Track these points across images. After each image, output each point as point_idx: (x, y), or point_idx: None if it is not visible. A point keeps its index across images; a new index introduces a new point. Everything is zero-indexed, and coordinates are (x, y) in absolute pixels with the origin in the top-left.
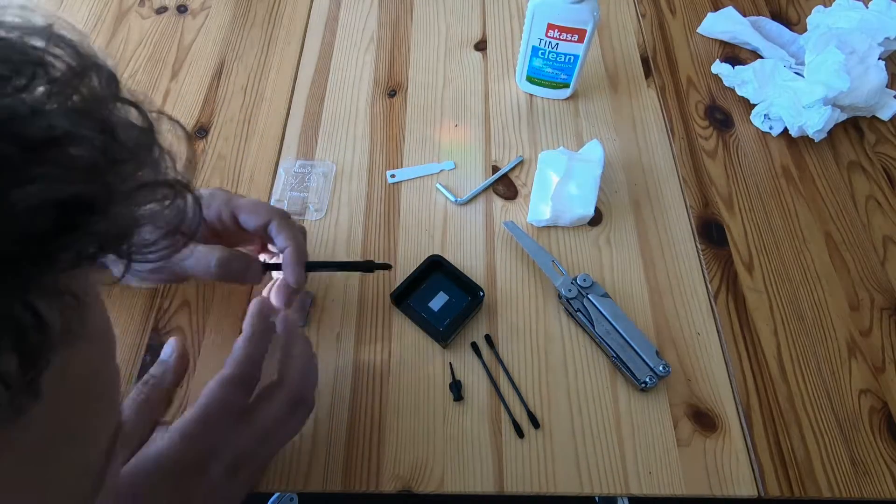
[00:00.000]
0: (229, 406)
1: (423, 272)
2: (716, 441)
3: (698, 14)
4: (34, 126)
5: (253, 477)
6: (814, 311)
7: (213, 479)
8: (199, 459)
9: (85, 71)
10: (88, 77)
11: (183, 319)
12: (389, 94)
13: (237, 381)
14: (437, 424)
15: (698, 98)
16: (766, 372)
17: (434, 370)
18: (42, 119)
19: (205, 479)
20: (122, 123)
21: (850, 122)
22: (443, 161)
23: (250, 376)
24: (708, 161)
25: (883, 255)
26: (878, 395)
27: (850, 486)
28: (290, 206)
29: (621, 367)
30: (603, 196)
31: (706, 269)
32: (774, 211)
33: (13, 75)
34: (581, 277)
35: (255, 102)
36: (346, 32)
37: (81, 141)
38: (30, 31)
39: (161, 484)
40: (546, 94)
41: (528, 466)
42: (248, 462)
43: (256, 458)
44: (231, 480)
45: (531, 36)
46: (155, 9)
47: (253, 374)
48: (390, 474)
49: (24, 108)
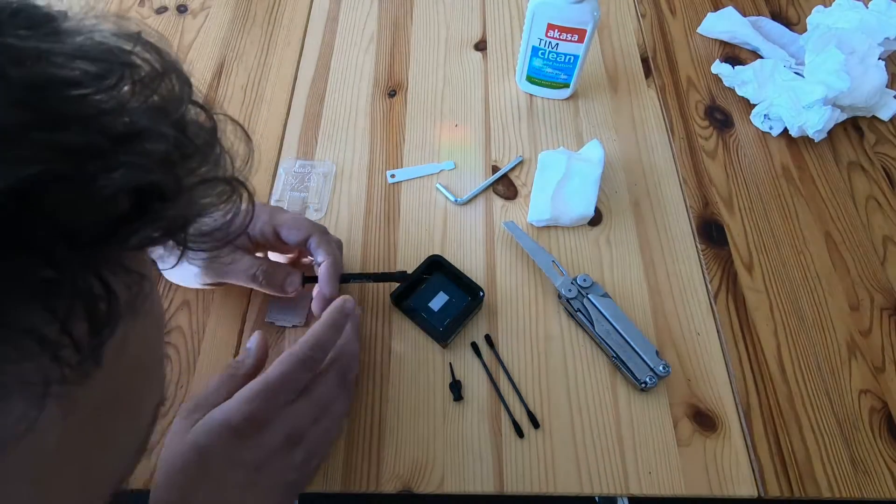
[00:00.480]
0: (292, 381)
1: (423, 272)
2: (716, 441)
3: (698, 14)
4: (119, 121)
5: (312, 460)
6: (814, 311)
7: (272, 446)
8: (258, 422)
9: (165, 74)
10: (168, 79)
11: (183, 319)
12: (389, 94)
13: (304, 360)
14: (437, 424)
15: (698, 98)
16: (766, 372)
17: (434, 370)
18: (126, 115)
19: (264, 443)
20: (192, 122)
21: (850, 122)
22: (443, 161)
23: (316, 360)
24: (708, 161)
25: (883, 255)
26: (878, 395)
27: (850, 486)
28: (290, 206)
29: (621, 367)
30: (603, 196)
31: (706, 269)
32: (774, 211)
33: (105, 75)
34: (581, 277)
35: (255, 102)
36: (346, 32)
37: (158, 136)
38: (122, 36)
39: (220, 440)
40: (546, 94)
41: (528, 466)
42: (305, 437)
43: (312, 437)
44: (291, 454)
45: (531, 36)
46: (155, 9)
47: (319, 359)
48: (390, 474)
49: (112, 104)
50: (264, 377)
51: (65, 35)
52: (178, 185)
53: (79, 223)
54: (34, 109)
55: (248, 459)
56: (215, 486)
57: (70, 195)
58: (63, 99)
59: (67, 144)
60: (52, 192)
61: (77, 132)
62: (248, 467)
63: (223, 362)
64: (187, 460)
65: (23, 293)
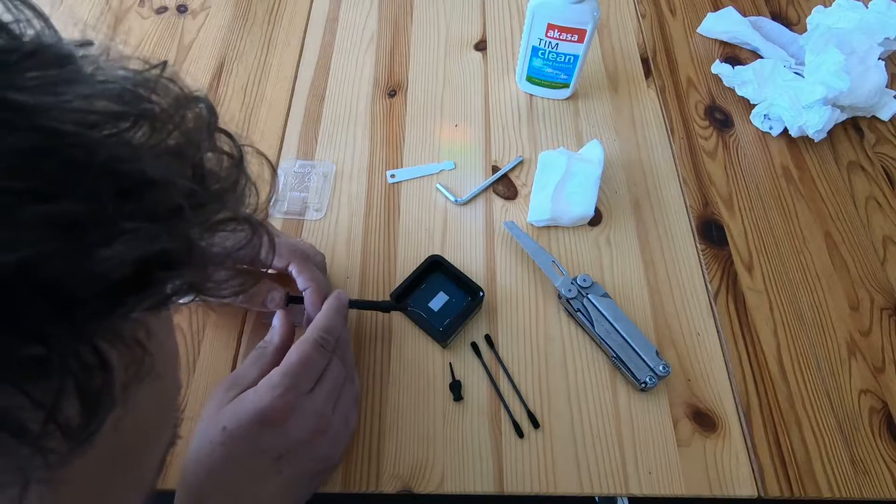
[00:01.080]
0: (311, 364)
1: (423, 272)
2: (716, 441)
3: (698, 14)
4: (132, 169)
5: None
6: (814, 311)
7: (296, 436)
8: (282, 410)
9: (184, 108)
10: (188, 112)
11: (183, 319)
12: (389, 94)
13: (320, 342)
14: (437, 424)
15: (698, 98)
16: (766, 372)
17: (434, 370)
18: (140, 163)
19: (288, 432)
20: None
21: (850, 122)
22: (443, 161)
23: (329, 342)
24: (708, 161)
25: (883, 255)
26: (878, 395)
27: (850, 486)
28: (290, 206)
29: (621, 367)
30: (603, 196)
31: (706, 269)
32: (774, 211)
33: (117, 122)
34: (581, 277)
35: (255, 102)
36: (346, 32)
37: (172, 187)
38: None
39: (246, 426)
40: (546, 94)
41: (527, 466)
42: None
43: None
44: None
45: (531, 36)
46: (155, 9)
47: (330, 342)
48: (390, 474)
49: (123, 152)
50: (285, 362)
51: (79, 80)
52: (189, 248)
53: (73, 297)
54: (30, 178)
55: (271, 447)
56: (238, 471)
57: (64, 270)
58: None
59: (62, 216)
60: (44, 269)
61: (77, 196)
62: (272, 455)
63: (223, 362)
64: (213, 441)
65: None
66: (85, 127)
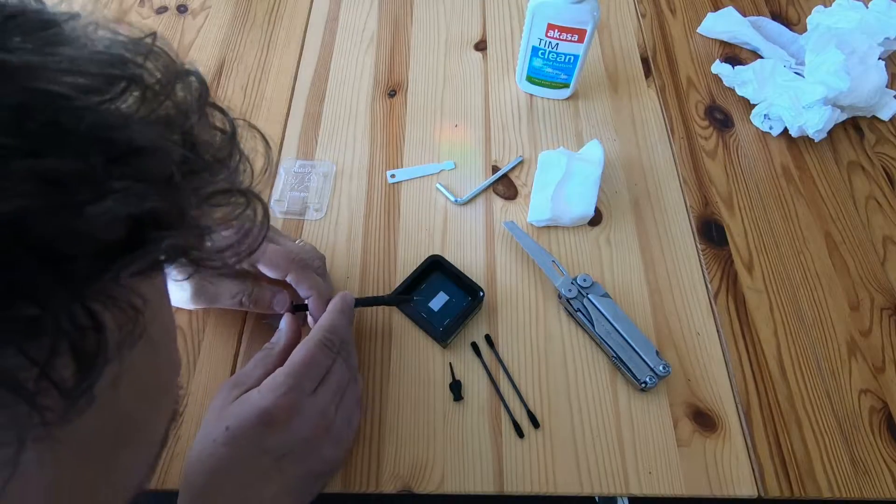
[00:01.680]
0: (315, 365)
1: (423, 272)
2: (716, 441)
3: (698, 14)
4: (121, 137)
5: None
6: (814, 311)
7: (299, 436)
8: (286, 410)
9: (176, 80)
10: (180, 85)
11: (183, 319)
12: (389, 94)
13: (324, 342)
14: (437, 424)
15: (698, 98)
16: (766, 372)
17: (434, 370)
18: (128, 130)
19: (292, 431)
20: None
21: (850, 122)
22: (443, 161)
23: (333, 343)
24: (708, 161)
25: (883, 255)
26: (878, 395)
27: (850, 486)
28: (290, 206)
29: (621, 367)
30: (603, 196)
31: (706, 269)
32: (774, 211)
33: (106, 88)
34: (581, 277)
35: (255, 102)
36: (346, 32)
37: (162, 154)
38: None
39: (248, 426)
40: (546, 94)
41: (528, 466)
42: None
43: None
44: (317, 445)
45: (531, 36)
46: (155, 9)
47: (335, 342)
48: (390, 474)
49: (113, 119)
50: (289, 362)
51: (65, 43)
52: (181, 211)
53: (65, 256)
54: (16, 134)
55: (274, 447)
56: (241, 471)
57: (55, 227)
58: (52, 119)
59: (49, 172)
60: (34, 225)
61: (64, 156)
62: (274, 455)
63: (223, 363)
64: (216, 441)
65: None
66: (72, 89)
